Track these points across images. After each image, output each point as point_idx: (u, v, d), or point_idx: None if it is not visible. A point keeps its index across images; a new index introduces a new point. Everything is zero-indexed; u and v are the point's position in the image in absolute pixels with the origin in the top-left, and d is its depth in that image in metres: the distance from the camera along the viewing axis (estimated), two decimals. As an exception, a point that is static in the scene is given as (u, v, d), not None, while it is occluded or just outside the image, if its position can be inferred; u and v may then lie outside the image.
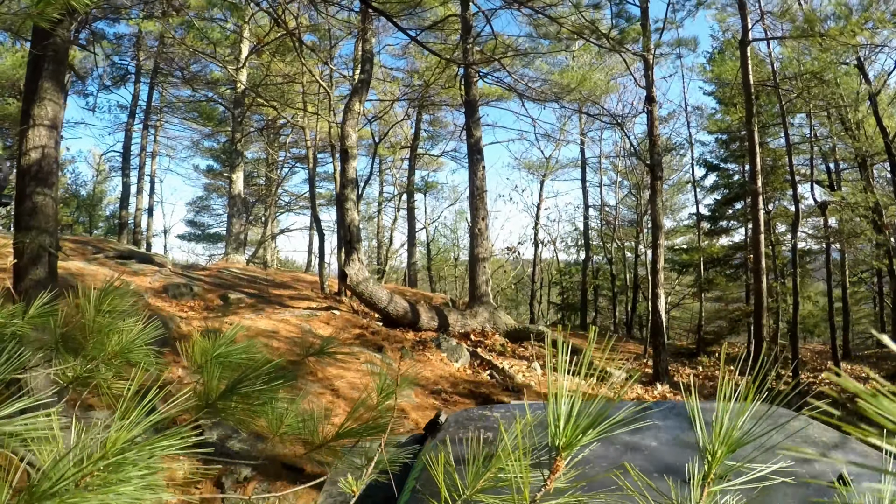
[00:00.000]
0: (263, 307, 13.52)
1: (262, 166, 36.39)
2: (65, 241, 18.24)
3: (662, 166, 16.05)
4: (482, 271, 15.63)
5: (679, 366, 19.03)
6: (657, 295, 14.66)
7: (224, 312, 13.02)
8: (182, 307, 13.41)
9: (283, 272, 21.60)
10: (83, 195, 38.40)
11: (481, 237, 15.67)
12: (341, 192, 14.28)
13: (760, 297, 15.23)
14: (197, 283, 15.23)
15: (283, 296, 15.28)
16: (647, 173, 16.85)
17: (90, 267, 14.14)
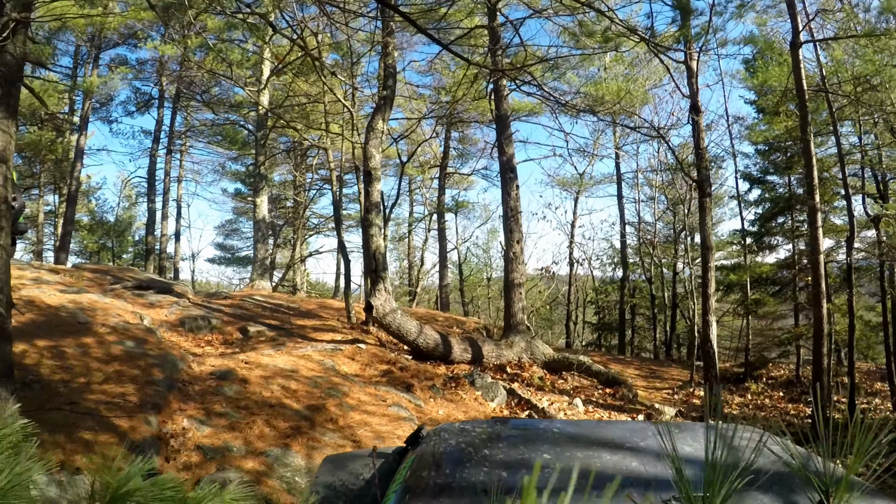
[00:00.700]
0: (284, 341, 12.73)
1: (289, 189, 35.90)
2: (84, 271, 17.71)
3: (710, 181, 15.00)
4: (518, 298, 14.67)
5: (726, 393, 17.95)
6: (708, 322, 13.52)
7: (242, 347, 12.26)
8: (198, 341, 12.68)
9: (309, 299, 20.79)
10: (110, 221, 38.04)
11: (516, 261, 14.71)
12: (365, 216, 13.46)
13: (821, 325, 13.56)
14: (216, 315, 14.49)
15: (306, 327, 14.48)
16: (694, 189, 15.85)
17: (104, 300, 13.39)
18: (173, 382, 9.10)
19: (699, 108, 14.48)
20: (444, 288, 32.77)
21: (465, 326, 20.22)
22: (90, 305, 12.47)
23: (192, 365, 10.18)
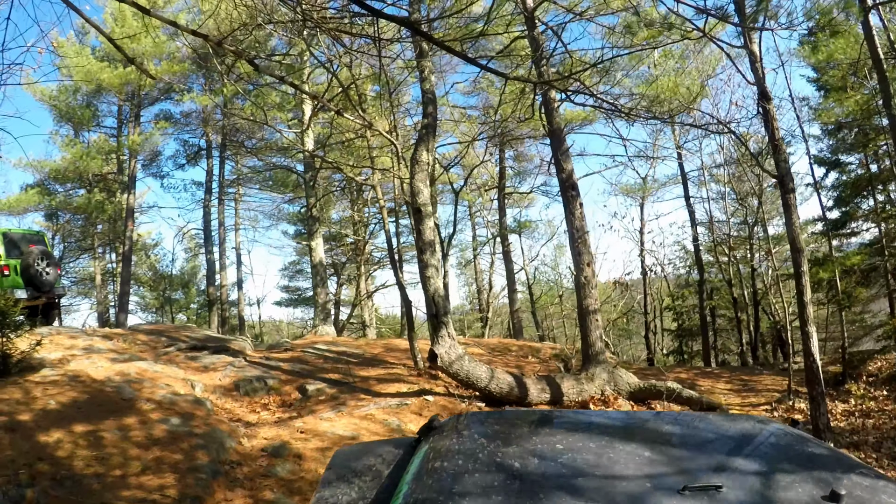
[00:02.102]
0: (346, 399, 11.74)
1: (348, 226, 35.29)
2: (138, 334, 17.13)
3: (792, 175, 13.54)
4: (594, 325, 13.42)
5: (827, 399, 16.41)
6: (808, 334, 12.01)
7: (300, 411, 11.32)
8: (254, 406, 11.82)
9: (374, 342, 19.84)
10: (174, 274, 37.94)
11: (588, 286, 13.47)
12: (420, 257, 12.44)
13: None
14: (274, 373, 13.65)
15: (370, 378, 13.48)
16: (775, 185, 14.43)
17: (154, 368, 12.66)
18: (219, 467, 8.18)
19: (768, 95, 13.10)
20: (515, 313, 31.64)
21: (541, 354, 19.14)
22: (138, 376, 11.75)
23: (243, 440, 9.27)
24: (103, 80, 26.00)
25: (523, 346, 20.73)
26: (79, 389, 10.44)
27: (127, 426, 8.95)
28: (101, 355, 13.12)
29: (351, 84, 16.75)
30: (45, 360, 11.96)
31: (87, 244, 34.23)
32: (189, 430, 9.09)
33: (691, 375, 20.11)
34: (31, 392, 9.97)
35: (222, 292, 33.55)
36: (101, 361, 12.50)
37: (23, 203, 28.33)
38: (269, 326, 47.49)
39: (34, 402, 9.53)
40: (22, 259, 14.76)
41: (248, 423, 10.40)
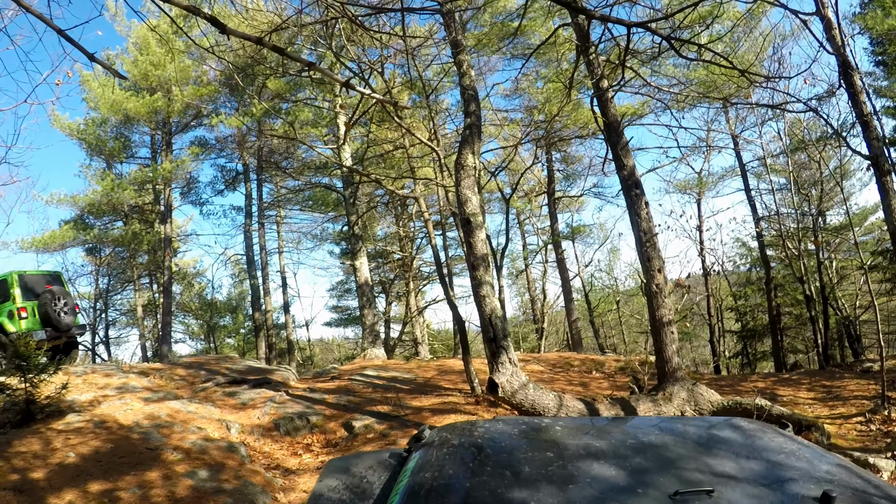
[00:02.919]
0: (396, 437, 10.56)
1: (394, 242, 34.38)
2: (177, 367, 16.46)
3: (889, 154, 11.97)
4: (670, 339, 12.00)
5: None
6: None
7: (344, 452, 10.16)
8: (295, 447, 10.73)
9: (427, 364, 18.62)
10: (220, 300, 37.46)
11: (661, 295, 12.05)
12: (472, 273, 11.15)
13: None
14: (318, 407, 12.57)
15: (423, 409, 12.26)
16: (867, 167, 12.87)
17: (188, 408, 11.71)
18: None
19: (851, 65, 11.64)
20: (573, 324, 30.27)
21: (605, 368, 17.94)
22: (169, 419, 10.82)
23: (279, 496, 8.14)
24: (129, 109, 25.48)
25: (585, 359, 19.46)
26: (103, 437, 9.55)
27: (148, 483, 7.92)
28: (135, 395, 12.41)
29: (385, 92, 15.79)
30: (75, 403, 11.29)
31: (129, 276, 33.84)
32: (217, 485, 7.99)
33: (769, 384, 18.60)
34: (51, 442, 9.14)
35: (268, 317, 32.76)
36: (133, 402, 11.74)
37: (58, 239, 27.90)
38: (321, 346, 46.89)
39: (52, 454, 8.68)
40: (39, 300, 14.49)
41: (287, 471, 9.29)
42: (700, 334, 36.17)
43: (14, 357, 10.53)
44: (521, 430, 3.28)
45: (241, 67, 22.39)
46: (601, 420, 4.05)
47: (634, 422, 3.83)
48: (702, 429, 3.23)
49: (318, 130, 25.31)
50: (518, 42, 22.61)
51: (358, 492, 3.07)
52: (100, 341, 34.12)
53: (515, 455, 2.82)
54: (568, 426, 3.34)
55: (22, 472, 7.99)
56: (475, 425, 3.31)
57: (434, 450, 2.96)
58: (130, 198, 28.10)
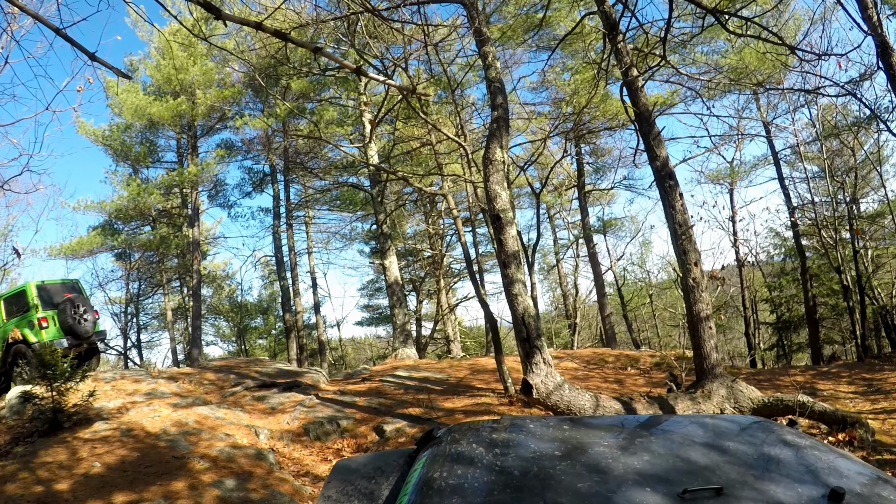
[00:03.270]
0: (428, 439, 10.29)
1: (423, 240, 34.16)
2: (206, 372, 16.48)
3: None
4: (708, 334, 11.56)
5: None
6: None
7: (377, 457, 9.89)
8: (325, 452, 10.49)
9: (459, 363, 18.36)
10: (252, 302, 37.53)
11: (698, 289, 11.60)
12: (504, 271, 10.81)
13: None
14: (348, 410, 12.34)
15: (455, 412, 11.96)
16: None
17: (216, 414, 11.54)
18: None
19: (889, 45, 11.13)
20: (606, 318, 29.77)
21: (641, 364, 17.59)
22: (197, 425, 10.65)
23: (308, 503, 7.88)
24: (153, 113, 25.45)
25: (620, 355, 19.09)
26: (129, 446, 9.42)
27: (174, 493, 7.72)
28: (163, 401, 12.35)
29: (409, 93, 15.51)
30: (103, 411, 11.26)
31: (159, 280, 33.94)
32: (244, 495, 7.77)
33: (808, 377, 18.12)
34: (77, 452, 9.04)
35: (298, 318, 32.64)
36: (161, 408, 11.66)
37: (86, 245, 27.97)
38: (352, 346, 46.82)
39: (78, 464, 8.57)
40: (58, 309, 14.49)
41: (317, 478, 9.04)
42: (734, 326, 35.70)
43: (40, 366, 10.43)
44: (531, 426, 3.27)
45: (263, 68, 22.28)
46: (612, 419, 3.74)
47: (647, 419, 3.64)
48: (708, 426, 3.18)
49: (344, 129, 25.14)
50: (543, 33, 22.27)
51: (367, 492, 3.05)
52: (131, 345, 34.35)
53: (524, 452, 2.81)
54: (572, 423, 3.30)
55: (46, 484, 7.87)
56: (485, 424, 3.30)
57: (443, 449, 2.92)
58: (157, 202, 28.12)
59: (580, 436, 3.05)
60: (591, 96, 16.73)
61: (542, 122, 24.42)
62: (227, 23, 4.45)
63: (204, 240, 32.91)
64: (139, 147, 27.89)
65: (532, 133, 25.26)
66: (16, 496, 7.46)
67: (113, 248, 30.22)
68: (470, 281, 16.78)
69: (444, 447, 2.94)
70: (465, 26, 16.45)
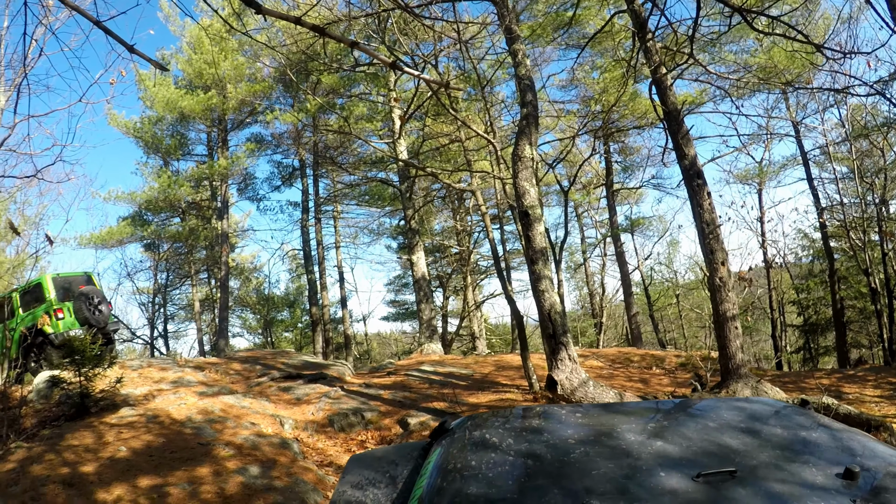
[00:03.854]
0: (452, 433, 10.28)
1: (450, 236, 34.17)
2: (233, 362, 16.64)
3: None
4: (734, 334, 11.50)
5: None
6: None
7: (400, 449, 9.91)
8: (349, 444, 10.54)
9: (485, 359, 18.36)
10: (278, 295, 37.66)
11: (725, 288, 11.54)
12: (531, 267, 10.81)
13: None
14: (373, 403, 12.39)
15: (480, 407, 11.95)
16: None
17: (241, 403, 11.63)
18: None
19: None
20: (633, 318, 29.66)
21: (666, 364, 17.50)
22: (222, 413, 10.73)
23: (330, 494, 7.91)
24: (185, 107, 25.68)
25: (645, 355, 19.00)
26: (155, 432, 9.49)
27: (198, 478, 7.78)
28: (189, 389, 12.46)
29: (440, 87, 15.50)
30: (129, 397, 11.35)
31: (187, 272, 34.21)
32: (268, 482, 7.82)
33: (833, 380, 17.94)
34: (103, 436, 9.12)
35: (324, 312, 32.77)
36: (187, 396, 11.77)
37: (115, 235, 28.27)
38: (378, 340, 46.94)
39: (104, 448, 8.64)
40: (74, 301, 14.84)
41: (340, 468, 9.07)
42: (761, 328, 35.45)
43: (69, 352, 10.57)
44: (545, 414, 3.30)
45: (294, 64, 22.38)
46: (624, 403, 3.72)
47: (660, 404, 3.67)
48: (720, 409, 3.16)
49: (374, 125, 25.21)
50: (572, 32, 22.21)
51: (382, 486, 3.04)
52: (158, 335, 34.59)
53: (539, 441, 2.79)
54: (585, 411, 3.32)
55: (73, 466, 7.95)
56: (498, 415, 3.29)
57: (458, 440, 2.93)
58: (187, 194, 28.36)
59: (595, 421, 3.08)
60: (620, 94, 16.71)
61: (570, 120, 24.37)
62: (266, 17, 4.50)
63: (233, 232, 33.16)
64: (170, 140, 28.16)
65: (560, 131, 25.22)
66: (42, 477, 7.55)
67: (142, 239, 30.55)
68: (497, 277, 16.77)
69: (459, 437, 2.95)
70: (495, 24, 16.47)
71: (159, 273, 34.29)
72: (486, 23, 17.35)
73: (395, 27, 15.76)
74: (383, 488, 3.01)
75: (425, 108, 19.34)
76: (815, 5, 20.56)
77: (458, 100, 18.79)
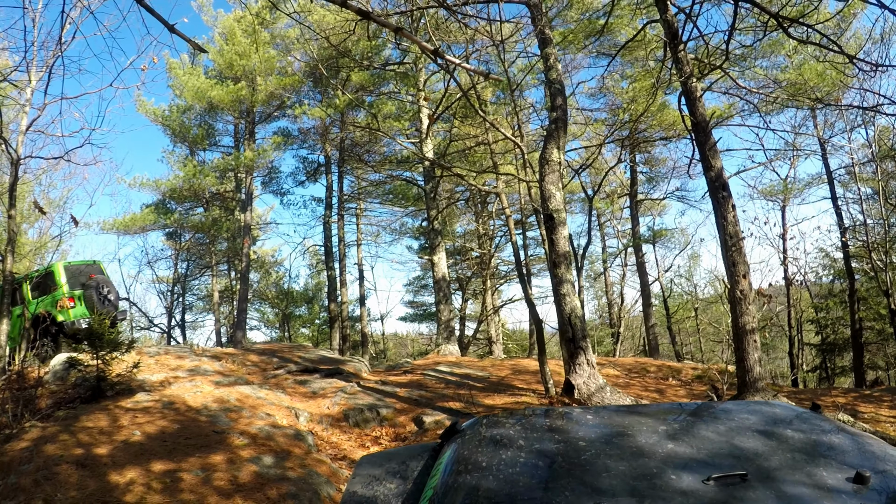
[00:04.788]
0: (466, 433, 10.22)
1: (472, 239, 34.20)
2: (250, 354, 16.75)
3: None
4: (752, 347, 11.40)
5: None
6: None
7: (414, 447, 9.87)
8: (363, 439, 10.53)
9: (501, 363, 18.35)
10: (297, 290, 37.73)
11: (745, 301, 11.45)
12: (553, 271, 10.80)
13: None
14: (388, 400, 12.37)
15: (495, 407, 11.90)
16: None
17: (258, 394, 11.66)
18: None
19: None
20: (650, 329, 29.59)
21: (682, 375, 17.39)
22: (238, 403, 10.77)
23: (343, 487, 7.89)
24: (214, 97, 25.75)
25: (662, 366, 18.87)
26: (170, 418, 9.53)
27: (212, 465, 7.77)
28: (206, 378, 12.54)
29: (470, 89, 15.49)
30: (145, 383, 11.44)
31: (208, 262, 34.36)
32: (281, 472, 7.80)
33: (849, 399, 17.78)
34: (118, 419, 9.17)
35: (343, 308, 32.82)
36: (203, 385, 11.84)
37: (138, 222, 28.40)
38: (394, 341, 47.04)
39: (118, 431, 8.68)
40: (84, 289, 15.11)
41: (354, 462, 9.04)
42: (778, 346, 35.29)
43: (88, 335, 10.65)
44: (556, 416, 3.31)
45: (324, 59, 22.43)
46: (635, 406, 3.69)
47: (672, 407, 3.64)
48: (731, 413, 3.16)
49: (401, 124, 25.20)
50: (604, 40, 22.20)
51: (392, 486, 3.04)
52: (175, 325, 34.74)
53: (549, 443, 2.81)
54: (595, 413, 3.29)
55: (86, 447, 7.99)
56: (509, 416, 3.29)
57: (469, 441, 2.92)
58: (212, 185, 28.45)
59: (606, 423, 3.08)
60: (649, 104, 16.61)
61: (598, 128, 24.29)
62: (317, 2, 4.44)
63: (255, 225, 33.27)
64: (197, 129, 28.25)
65: (587, 139, 25.13)
66: (55, 456, 7.58)
67: (165, 227, 30.68)
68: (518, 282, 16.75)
69: (471, 438, 2.95)
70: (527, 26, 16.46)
71: (180, 262, 34.48)
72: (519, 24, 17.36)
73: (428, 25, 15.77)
74: (394, 488, 3.01)
75: (453, 109, 19.34)
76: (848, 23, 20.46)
77: (486, 102, 18.79)
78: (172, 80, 27.31)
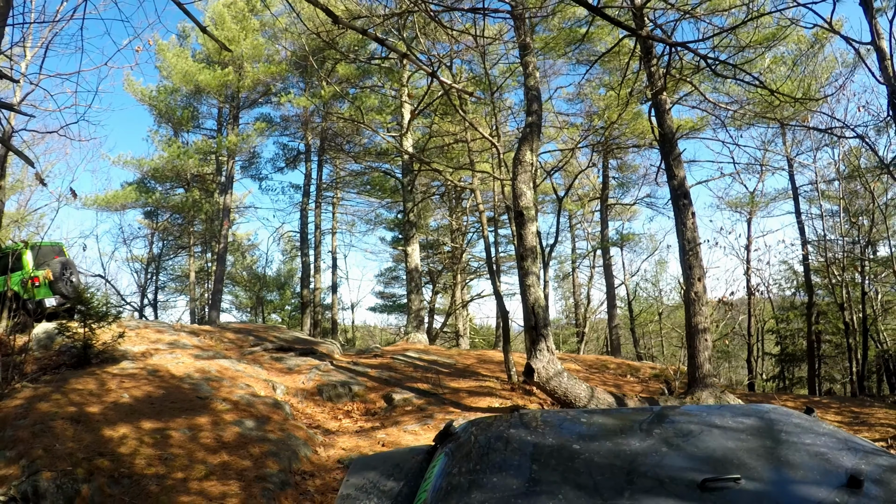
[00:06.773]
0: (433, 411, 10.92)
1: (445, 234, 34.70)
2: (226, 332, 17.14)
3: None
4: (703, 346, 12.24)
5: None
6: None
7: (384, 421, 10.57)
8: (336, 412, 11.17)
9: (467, 353, 18.99)
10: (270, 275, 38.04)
11: (699, 303, 12.29)
12: (520, 263, 11.54)
13: None
14: (360, 379, 13.01)
15: (460, 390, 12.63)
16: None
17: (236, 367, 12.22)
18: (289, 477, 7.50)
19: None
20: (613, 329, 30.38)
21: (640, 374, 18.07)
22: (218, 374, 11.34)
23: (319, 449, 8.59)
24: (201, 80, 26.15)
25: (622, 364, 19.60)
26: (155, 384, 10.06)
27: (198, 426, 8.39)
28: (185, 351, 12.96)
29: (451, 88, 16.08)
30: (128, 353, 11.85)
31: (185, 242, 34.64)
32: (262, 434, 8.45)
33: (798, 403, 18.58)
34: (105, 384, 9.66)
35: (316, 295, 33.30)
36: (183, 357, 12.28)
37: (120, 199, 28.72)
38: (363, 331, 47.36)
39: (107, 394, 9.18)
40: (49, 269, 15.52)
41: (328, 431, 9.74)
42: (740, 354, 35.90)
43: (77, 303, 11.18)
44: (549, 420, 3.34)
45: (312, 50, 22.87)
46: (629, 410, 4.07)
47: (665, 411, 3.66)
48: (726, 416, 3.18)
49: (383, 117, 25.66)
50: (584, 48, 22.84)
51: (385, 489, 3.06)
52: (147, 304, 34.97)
53: (542, 446, 2.86)
54: (589, 417, 3.37)
55: (79, 406, 8.46)
56: (502, 420, 3.31)
57: (462, 445, 2.95)
58: (194, 166, 28.73)
59: (600, 427, 3.17)
60: (622, 113, 17.32)
61: (573, 132, 24.94)
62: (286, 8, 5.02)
63: (234, 208, 33.60)
64: (182, 111, 28.50)
65: (563, 142, 25.74)
66: (50, 413, 8.04)
67: (145, 206, 30.99)
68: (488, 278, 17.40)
69: (464, 442, 2.99)
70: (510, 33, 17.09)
71: (155, 242, 34.74)
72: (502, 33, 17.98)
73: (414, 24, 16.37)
74: (387, 491, 3.04)
75: (434, 106, 19.92)
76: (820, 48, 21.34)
77: (467, 101, 19.38)
78: (161, 62, 27.65)
